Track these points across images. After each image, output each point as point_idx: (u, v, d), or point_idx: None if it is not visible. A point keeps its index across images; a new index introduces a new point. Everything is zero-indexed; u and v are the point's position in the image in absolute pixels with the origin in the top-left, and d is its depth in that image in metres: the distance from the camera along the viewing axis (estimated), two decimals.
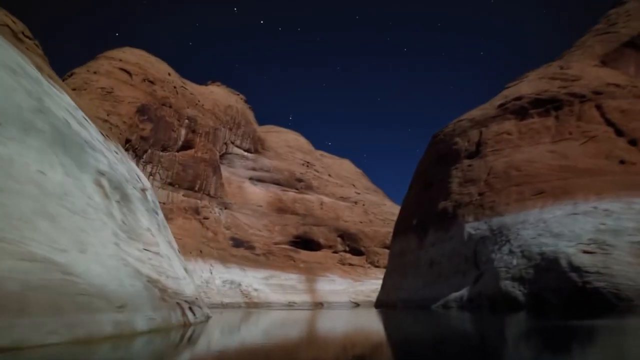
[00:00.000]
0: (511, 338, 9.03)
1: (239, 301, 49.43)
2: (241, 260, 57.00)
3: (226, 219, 58.41)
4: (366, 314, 25.56)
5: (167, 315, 7.57)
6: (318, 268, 65.89)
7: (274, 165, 69.09)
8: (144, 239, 8.37)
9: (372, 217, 75.20)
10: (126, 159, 13.73)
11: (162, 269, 8.33)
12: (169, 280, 8.42)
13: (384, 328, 13.85)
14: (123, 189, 8.56)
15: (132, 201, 8.77)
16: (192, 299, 10.19)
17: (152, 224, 10.25)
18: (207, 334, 8.78)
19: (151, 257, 8.11)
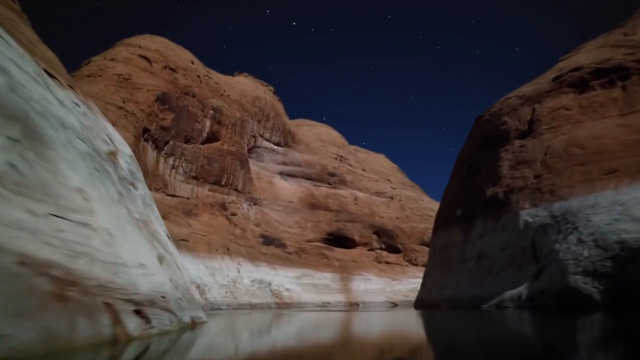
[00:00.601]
0: (601, 346, 6.36)
1: (268, 302, 46.63)
2: (271, 258, 54.24)
3: (255, 216, 55.74)
4: (406, 316, 22.16)
5: (60, 323, 4.35)
6: (353, 266, 62.59)
7: (306, 159, 66.14)
8: (62, 201, 5.28)
9: (409, 213, 71.36)
10: (95, 115, 10.81)
11: (82, 247, 5.22)
12: (94, 267, 5.28)
13: (432, 333, 10.57)
14: (32, 126, 5.48)
15: (48, 145, 5.68)
16: (152, 298, 7.00)
17: (102, 188, 7.22)
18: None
19: (65, 228, 5.01)
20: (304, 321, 17.13)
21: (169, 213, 40.88)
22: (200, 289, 33.81)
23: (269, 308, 45.54)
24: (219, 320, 17.07)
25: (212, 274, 40.48)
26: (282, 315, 26.29)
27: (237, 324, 15.49)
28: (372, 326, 13.48)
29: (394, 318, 20.47)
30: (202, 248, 42.29)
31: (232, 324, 15.32)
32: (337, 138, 77.24)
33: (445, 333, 10.40)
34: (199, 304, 13.49)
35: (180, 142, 44.34)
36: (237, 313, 33.38)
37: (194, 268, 36.84)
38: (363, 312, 30.75)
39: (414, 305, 43.24)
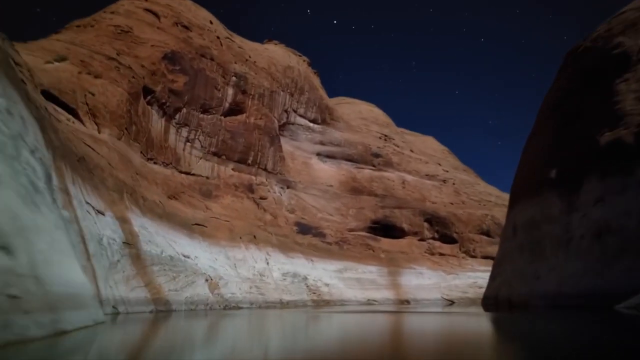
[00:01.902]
0: None
1: (304, 298, 39.39)
2: (308, 249, 47.01)
3: (289, 201, 48.61)
4: (483, 320, 14.44)
5: None
6: (402, 259, 54.61)
7: (346, 138, 58.54)
8: None
9: (465, 198, 62.67)
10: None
11: None
12: None
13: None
14: None
15: None
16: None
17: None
18: None
19: None
20: (342, 327, 10.00)
21: (181, 193, 34.21)
22: (212, 282, 26.82)
23: (304, 306, 38.38)
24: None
25: (233, 265, 33.54)
26: (314, 317, 19.36)
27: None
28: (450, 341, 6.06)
29: (466, 324, 12.96)
30: (223, 235, 35.45)
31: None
32: (380, 116, 69.29)
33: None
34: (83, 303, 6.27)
35: (196, 112, 37.60)
36: (255, 312, 26.42)
37: (208, 257, 29.94)
38: (419, 314, 23.29)
39: (483, 303, 35.16)
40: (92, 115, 23.54)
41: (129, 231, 19.91)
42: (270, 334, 10.78)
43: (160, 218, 27.11)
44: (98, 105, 23.97)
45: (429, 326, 12.56)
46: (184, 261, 24.70)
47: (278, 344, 8.66)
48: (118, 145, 24.77)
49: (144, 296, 18.32)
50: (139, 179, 26.77)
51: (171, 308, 20.43)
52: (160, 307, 19.39)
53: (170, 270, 22.11)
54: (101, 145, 22.84)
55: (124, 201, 21.42)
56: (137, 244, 20.14)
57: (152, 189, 28.97)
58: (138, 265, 19.21)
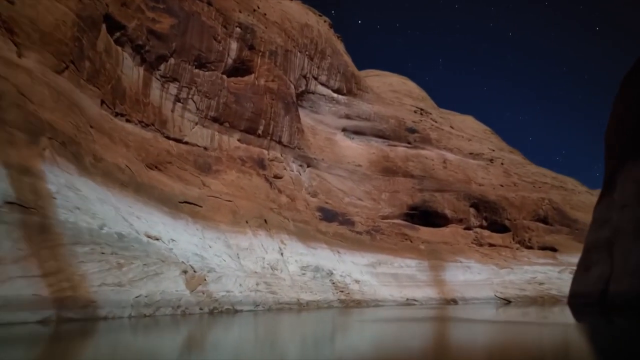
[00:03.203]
0: None
1: (328, 298, 31.44)
2: (333, 239, 39.06)
3: (310, 181, 40.64)
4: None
5: None
6: (445, 250, 46.14)
7: (376, 112, 50.21)
8: None
9: (517, 180, 53.62)
10: None
11: None
12: None
13: None
14: None
15: None
16: None
17: None
18: None
19: None
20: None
21: (167, 163, 26.57)
22: (195, 276, 18.98)
23: (328, 307, 30.46)
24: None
25: (235, 255, 25.74)
26: (344, 327, 12.01)
27: None
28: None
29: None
30: (223, 218, 27.73)
31: None
32: (414, 89, 60.67)
33: None
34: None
35: (189, 65, 29.89)
36: (258, 318, 18.64)
37: (195, 243, 22.16)
38: (485, 323, 15.52)
39: (571, 303, 26.65)
40: (7, 30, 15.97)
41: (31, 188, 12.25)
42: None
43: (124, 187, 19.43)
44: (20, 18, 16.40)
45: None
46: (147, 244, 16.91)
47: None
48: (53, 80, 17.13)
49: (31, 293, 10.62)
50: (92, 133, 19.15)
51: (97, 314, 12.66)
52: (70, 313, 11.66)
53: (113, 254, 14.35)
54: (16, 72, 15.22)
55: (37, 148, 13.72)
56: (47, 209, 12.44)
57: (116, 150, 21.34)
58: (39, 241, 11.53)
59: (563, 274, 46.65)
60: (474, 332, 12.97)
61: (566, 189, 55.28)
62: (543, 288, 44.91)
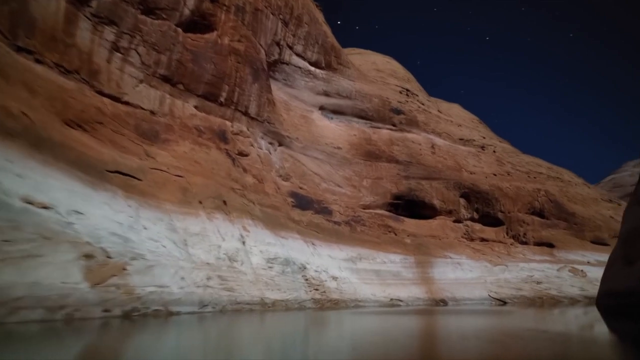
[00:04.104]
0: None
1: (300, 297, 26.05)
2: (308, 229, 33.72)
3: (282, 162, 35.14)
4: None
5: None
6: (433, 245, 41.17)
7: (358, 89, 44.89)
8: None
9: (510, 169, 48.94)
10: None
11: None
12: None
13: None
14: None
15: None
16: None
17: None
18: None
19: None
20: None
21: (97, 123, 20.79)
22: (110, 264, 13.31)
23: (300, 308, 25.12)
24: None
25: (182, 241, 20.11)
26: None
27: None
28: None
29: None
30: (170, 195, 22.07)
31: None
32: (399, 69, 55.57)
33: None
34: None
35: (133, 9, 24.06)
36: (205, 322, 13.18)
37: (120, 221, 16.41)
38: (497, 336, 10.02)
39: (600, 304, 21.76)
40: None
41: None
42: None
43: (9, 136, 13.64)
44: None
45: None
46: (21, 212, 11.22)
47: None
48: None
49: None
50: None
51: None
52: None
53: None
54: None
55: None
56: None
57: (10, 92, 15.52)
58: None
59: (562, 273, 42.20)
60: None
61: (562, 180, 50.92)
62: (541, 288, 40.28)
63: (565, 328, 14.47)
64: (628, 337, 11.18)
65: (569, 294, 40.13)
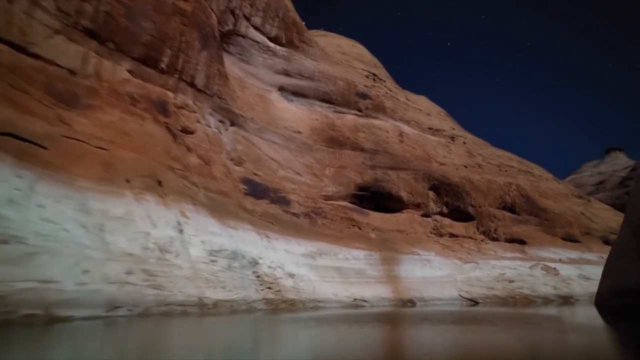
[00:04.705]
0: None
1: (250, 296, 22.10)
2: (262, 219, 29.78)
3: (234, 144, 31.01)
4: None
5: None
6: (400, 240, 37.83)
7: (321, 70, 41.11)
8: None
9: (481, 161, 46.17)
10: None
11: None
12: None
13: None
14: None
15: None
16: None
17: None
18: None
19: None
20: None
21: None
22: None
23: (248, 309, 21.18)
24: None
25: (97, 225, 15.88)
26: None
27: None
28: None
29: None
30: (87, 170, 17.73)
31: None
32: (366, 54, 52.12)
33: None
34: None
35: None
36: (110, 330, 8.63)
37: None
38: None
39: (600, 302, 18.61)
40: None
41: None
42: None
43: None
44: None
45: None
46: None
47: None
48: None
49: None
50: None
51: None
52: None
53: None
54: None
55: None
56: None
57: None
58: None
59: (534, 271, 39.60)
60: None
61: (533, 174, 48.57)
62: (514, 287, 37.51)
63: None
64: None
65: (542, 293, 37.55)
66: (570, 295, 38.56)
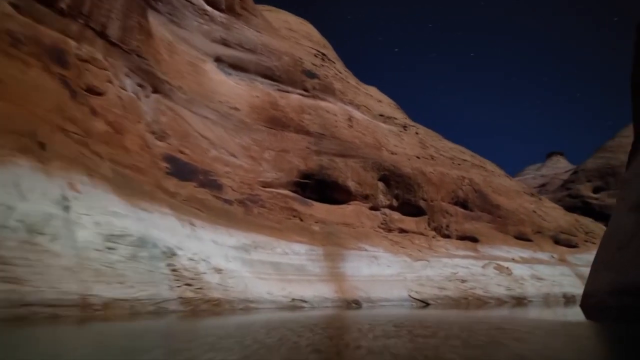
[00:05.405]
0: None
1: (160, 294, 17.59)
2: (187, 204, 25.31)
3: (156, 115, 26.24)
4: None
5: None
6: (346, 234, 34.11)
7: (265, 43, 36.76)
8: None
9: (434, 152, 43.20)
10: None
11: None
12: None
13: None
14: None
15: None
16: None
17: None
18: None
19: None
20: None
21: None
22: None
23: (157, 311, 16.62)
24: None
25: None
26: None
27: None
28: None
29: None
30: None
31: None
32: (315, 34, 48.14)
33: None
34: None
35: None
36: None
37: None
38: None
39: (587, 303, 15.33)
40: None
41: None
42: None
43: None
44: None
45: None
46: None
47: None
48: None
49: None
50: None
51: None
52: None
53: None
54: None
55: None
56: None
57: None
58: None
59: (487, 270, 36.94)
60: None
61: (486, 169, 46.20)
62: (466, 287, 34.60)
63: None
64: None
65: (495, 294, 34.90)
66: (524, 297, 36.19)
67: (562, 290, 38.97)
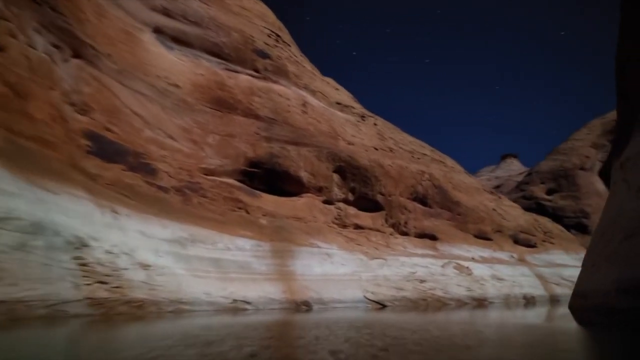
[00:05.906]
0: None
1: (58, 294, 13.95)
2: (110, 189, 21.68)
3: (77, 83, 22.40)
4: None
5: None
6: (297, 229, 31.05)
7: (213, 16, 33.21)
8: None
9: (392, 145, 40.67)
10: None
11: None
12: None
13: None
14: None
15: None
16: None
17: None
18: None
19: None
20: None
21: None
22: None
23: (52, 316, 12.96)
24: None
25: None
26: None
27: None
28: None
29: None
30: None
31: None
32: (270, 15, 44.57)
33: None
34: None
35: None
36: None
37: None
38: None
39: (576, 304, 12.80)
40: None
41: None
42: None
43: None
44: None
45: None
46: None
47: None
48: None
49: None
50: None
51: None
52: None
53: None
54: None
55: None
56: None
57: None
58: None
59: (447, 269, 34.72)
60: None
61: (446, 165, 44.13)
62: (425, 287, 32.19)
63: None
64: None
65: (455, 295, 32.71)
66: (484, 298, 34.16)
67: (522, 291, 37.26)
